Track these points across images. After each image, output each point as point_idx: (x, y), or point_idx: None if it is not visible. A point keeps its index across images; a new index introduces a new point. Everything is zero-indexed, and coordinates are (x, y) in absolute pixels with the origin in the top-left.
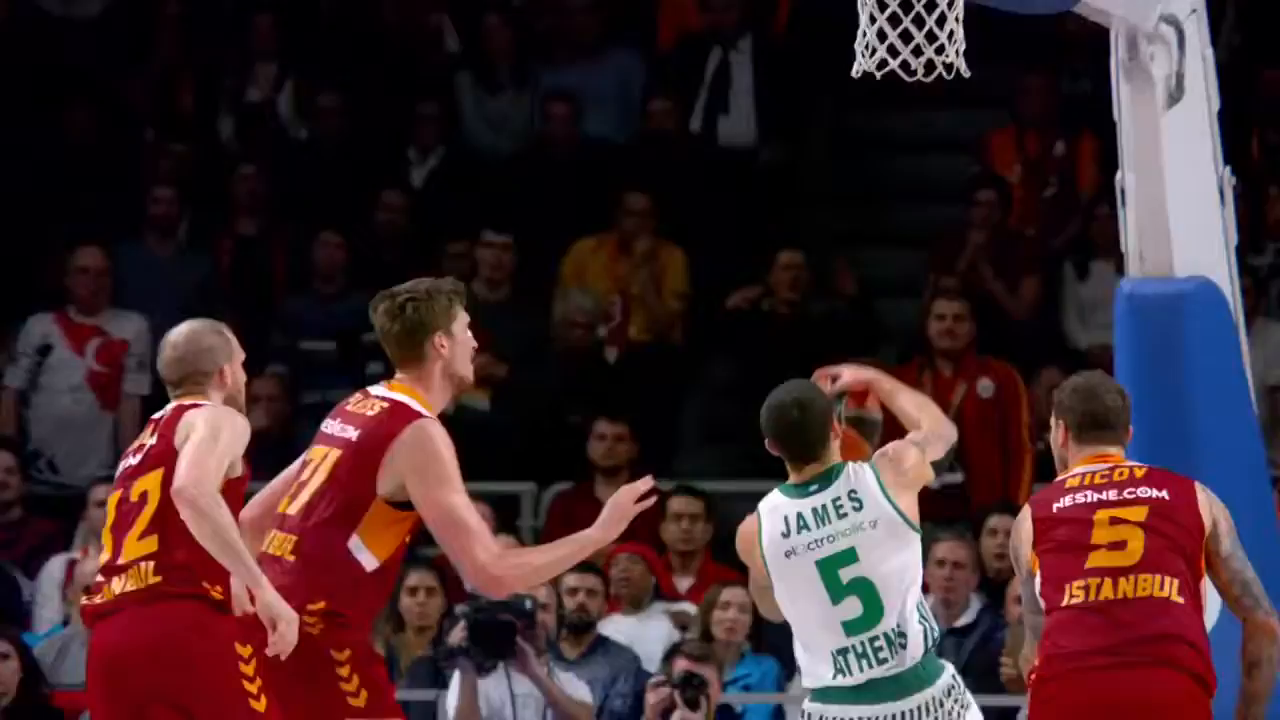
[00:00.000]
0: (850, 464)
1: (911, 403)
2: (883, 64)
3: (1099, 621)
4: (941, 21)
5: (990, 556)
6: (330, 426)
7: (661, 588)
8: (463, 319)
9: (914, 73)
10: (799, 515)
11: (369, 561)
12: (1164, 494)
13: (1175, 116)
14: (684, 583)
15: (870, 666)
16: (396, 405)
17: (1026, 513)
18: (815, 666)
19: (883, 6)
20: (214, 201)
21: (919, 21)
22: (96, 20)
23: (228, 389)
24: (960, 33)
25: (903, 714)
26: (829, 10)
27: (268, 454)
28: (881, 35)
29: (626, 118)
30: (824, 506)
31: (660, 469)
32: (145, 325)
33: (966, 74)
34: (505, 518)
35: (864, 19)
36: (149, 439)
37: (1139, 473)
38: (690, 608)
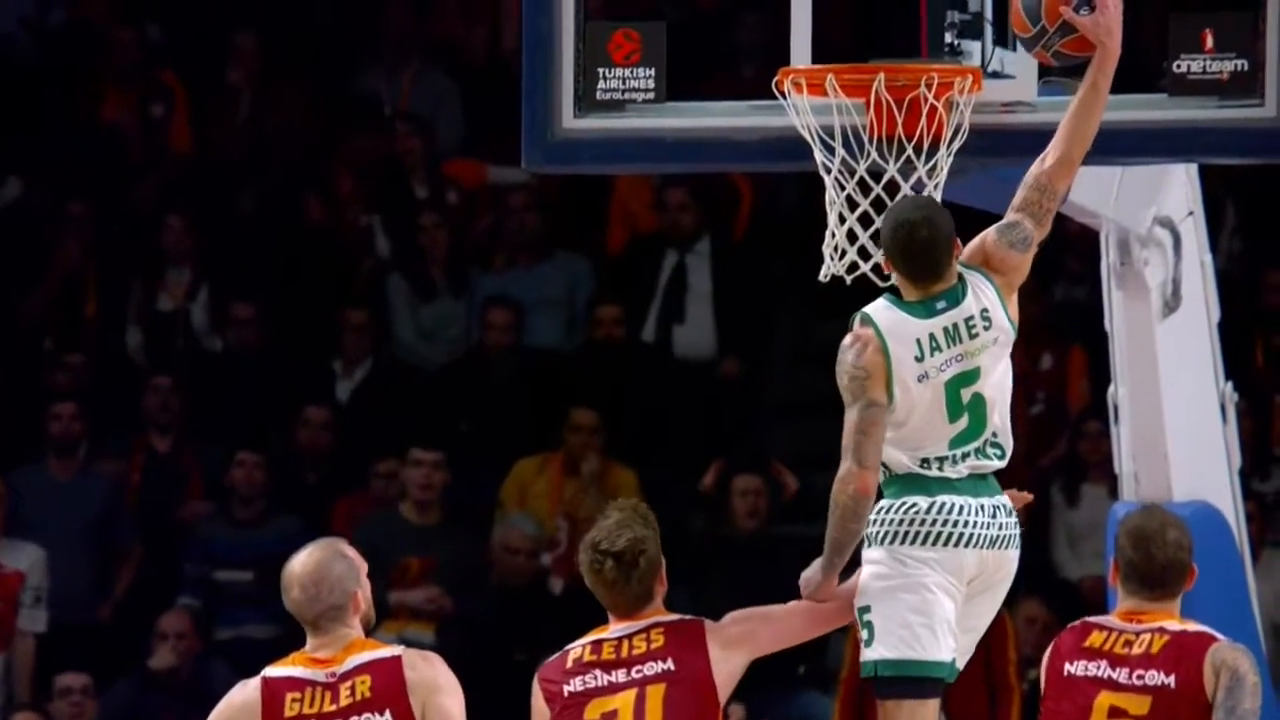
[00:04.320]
0: (969, 278)
1: (1091, 107)
2: (853, 267)
3: None
4: None
5: None
6: (592, 681)
7: None
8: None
9: (887, 277)
10: (930, 336)
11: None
12: (1170, 680)
13: (1172, 326)
14: None
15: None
16: (672, 624)
17: (1049, 655)
18: (908, 463)
19: (853, 205)
20: (119, 419)
21: None
22: None
23: (362, 611)
24: None
25: (996, 508)
26: (794, 210)
27: (178, 697)
28: (852, 236)
29: (572, 326)
30: (955, 326)
31: None
32: (42, 556)
33: None
34: None
35: (833, 219)
36: (329, 703)
37: (1156, 646)
38: None
